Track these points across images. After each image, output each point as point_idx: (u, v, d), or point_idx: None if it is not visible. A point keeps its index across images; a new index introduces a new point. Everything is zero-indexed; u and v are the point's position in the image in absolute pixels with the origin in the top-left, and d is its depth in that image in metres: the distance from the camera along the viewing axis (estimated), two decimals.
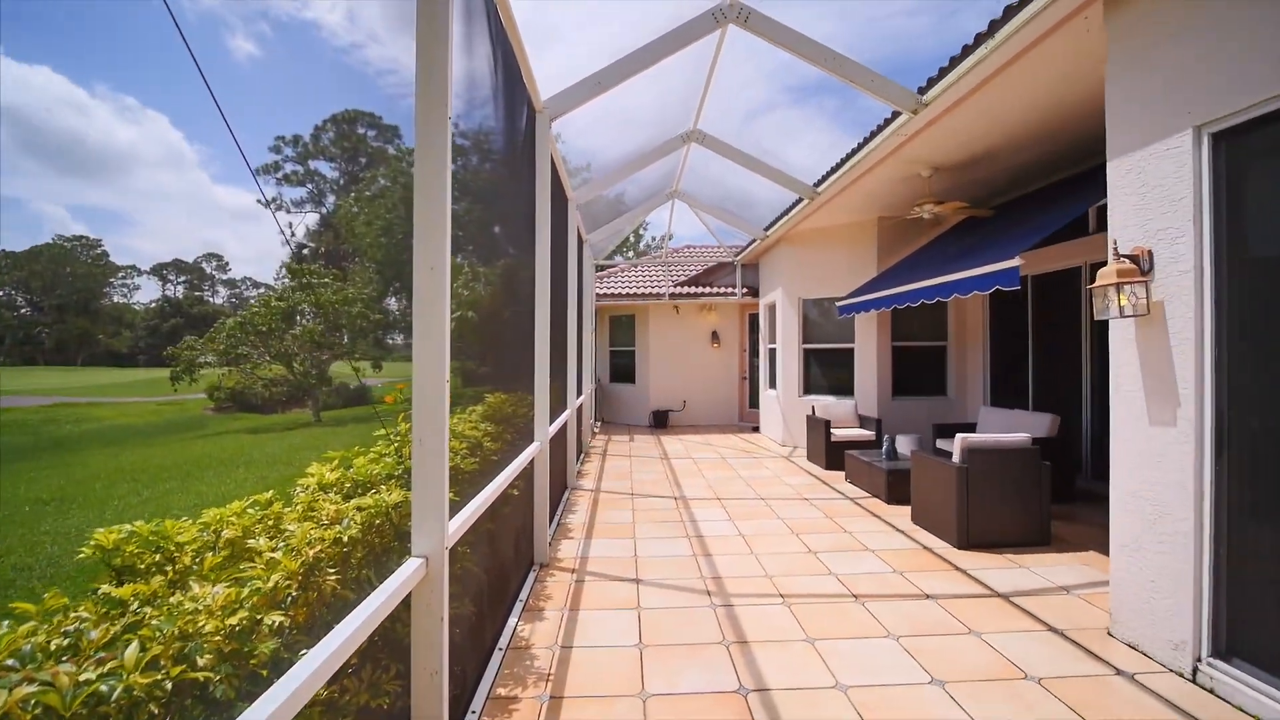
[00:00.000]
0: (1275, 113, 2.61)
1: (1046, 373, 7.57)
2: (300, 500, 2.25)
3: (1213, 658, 2.85)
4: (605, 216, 10.19)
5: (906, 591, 4.02)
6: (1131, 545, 3.25)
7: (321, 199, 57.07)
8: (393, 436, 3.25)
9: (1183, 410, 2.96)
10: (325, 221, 54.76)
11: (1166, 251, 3.04)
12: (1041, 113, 5.10)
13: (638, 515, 5.98)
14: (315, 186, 57.39)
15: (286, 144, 56.84)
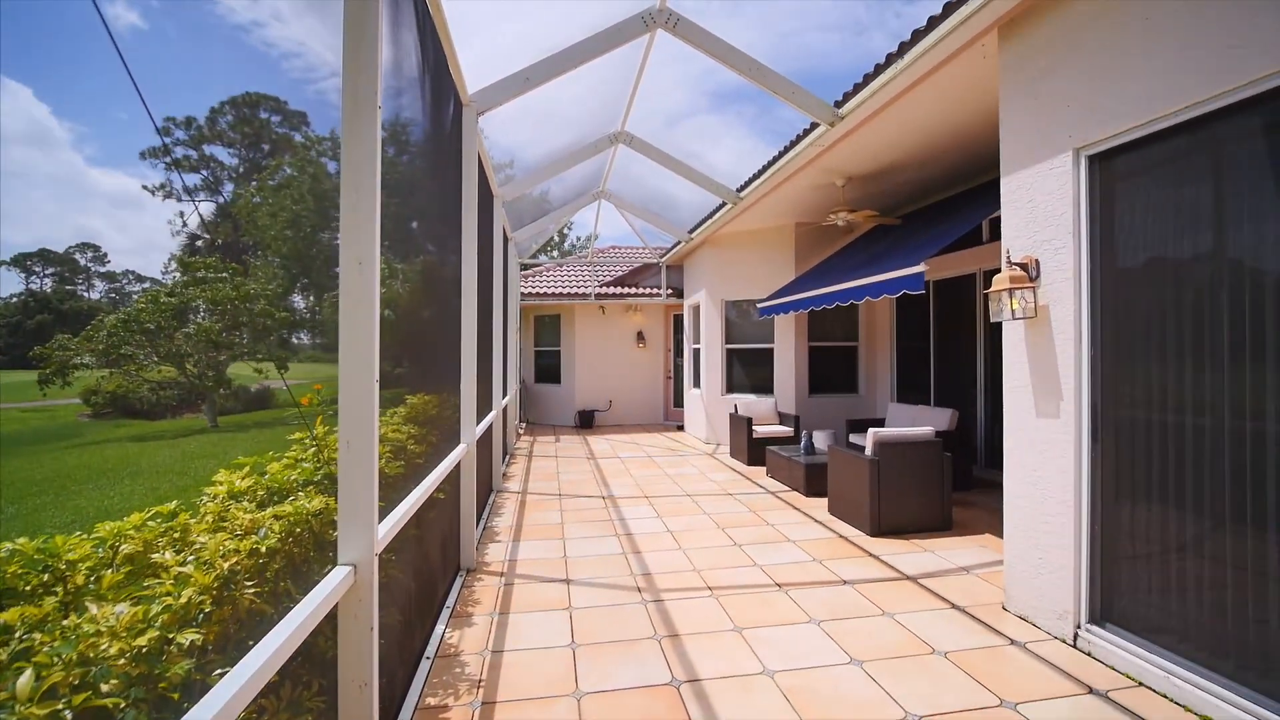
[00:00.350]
0: (1139, 140, 2.95)
1: (945, 371, 8.18)
2: (209, 510, 2.09)
3: (1090, 624, 3.19)
4: (530, 215, 10.05)
5: (826, 578, 4.23)
6: (1022, 526, 3.58)
7: (218, 187, 52.71)
8: (309, 441, 3.08)
9: (1064, 403, 3.29)
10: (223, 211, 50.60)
11: (1051, 260, 3.37)
12: (944, 130, 5.51)
13: (566, 516, 5.95)
14: (211, 173, 52.90)
15: (178, 126, 52.13)
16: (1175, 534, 2.82)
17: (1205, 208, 2.68)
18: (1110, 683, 2.87)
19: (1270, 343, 2.43)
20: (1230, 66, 2.51)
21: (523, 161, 7.84)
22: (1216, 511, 2.63)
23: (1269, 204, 2.44)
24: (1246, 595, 2.52)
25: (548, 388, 13.71)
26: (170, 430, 19.39)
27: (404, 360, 3.41)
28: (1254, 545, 2.50)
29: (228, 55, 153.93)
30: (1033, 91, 3.47)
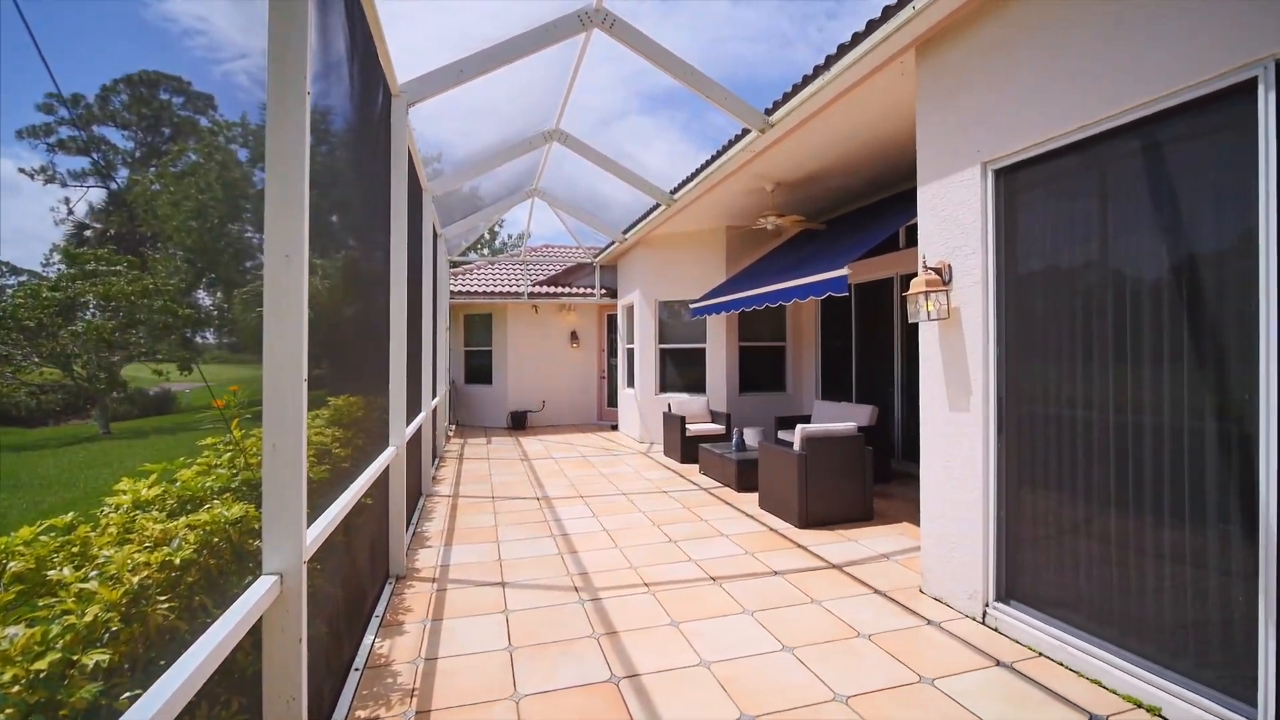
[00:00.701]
0: (1037, 156, 3.23)
1: (866, 369, 8.61)
2: (112, 521, 1.93)
3: (997, 602, 3.45)
4: (461, 211, 9.81)
5: (757, 570, 4.37)
6: (937, 514, 3.83)
7: (110, 172, 48.06)
8: (223, 446, 2.89)
9: (974, 398, 3.55)
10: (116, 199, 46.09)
11: (962, 265, 3.62)
12: (866, 141, 5.81)
13: (500, 518, 5.85)
14: (102, 157, 48.20)
15: (62, 103, 47.17)
16: (1068, 517, 3.10)
17: (1092, 220, 2.97)
18: (1015, 655, 3.12)
19: (1146, 344, 2.72)
20: (1113, 94, 2.79)
21: (452, 156, 7.65)
22: (1102, 496, 2.92)
23: (1143, 218, 2.73)
24: (1127, 570, 2.81)
25: (479, 388, 13.41)
26: (55, 438, 17.58)
27: (324, 360, 3.26)
28: (1132, 526, 2.78)
29: (121, 28, 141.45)
30: (946, 107, 3.72)
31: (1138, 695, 2.67)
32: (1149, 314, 2.71)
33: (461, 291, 12.59)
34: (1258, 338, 2.30)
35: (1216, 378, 2.46)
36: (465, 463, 8.90)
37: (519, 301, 12.75)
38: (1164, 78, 2.57)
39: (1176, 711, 2.53)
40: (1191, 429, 2.55)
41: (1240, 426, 2.38)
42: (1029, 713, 2.63)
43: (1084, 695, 2.76)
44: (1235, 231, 2.39)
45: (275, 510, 1.76)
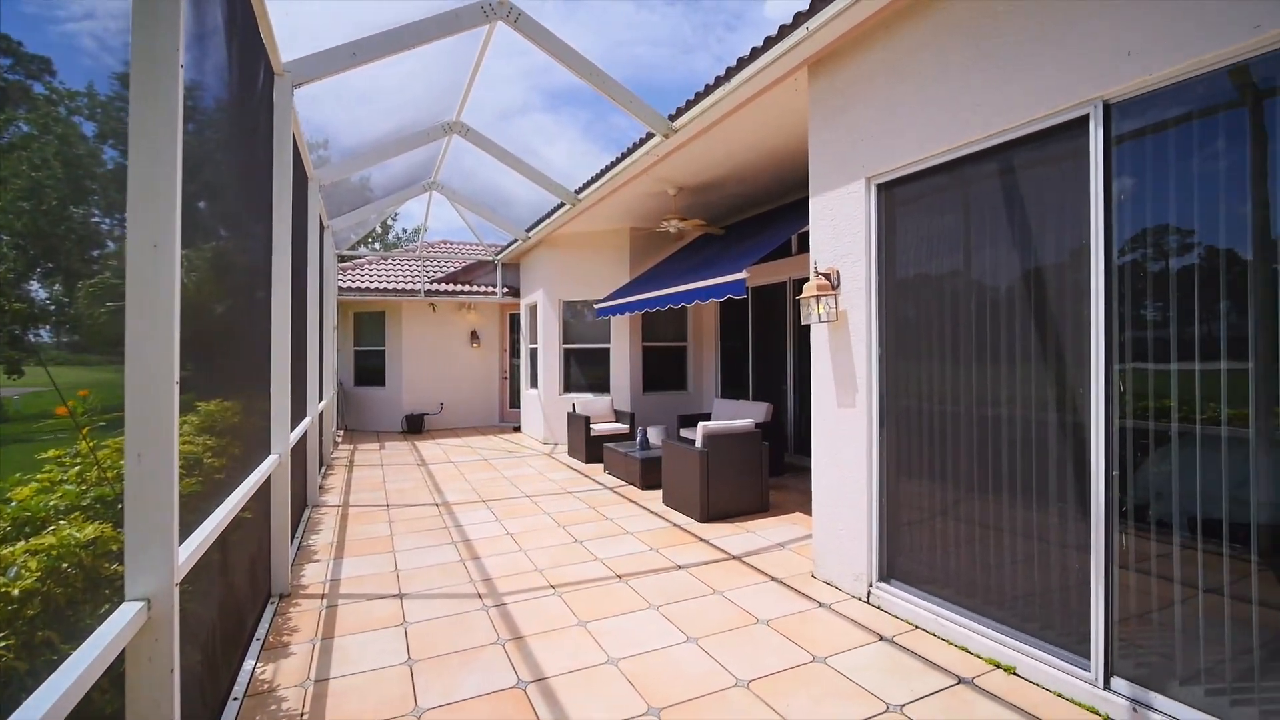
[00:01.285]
0: (913, 174, 3.54)
1: (762, 368, 9.04)
2: None
3: (879, 582, 3.75)
4: (350, 202, 9.22)
5: (662, 565, 4.46)
6: (827, 504, 4.10)
7: None
8: (69, 460, 2.54)
9: (859, 395, 3.83)
10: None
11: (849, 271, 3.90)
12: (763, 150, 6.10)
13: (396, 527, 5.56)
14: None
15: None
16: (938, 501, 3.43)
17: (957, 232, 3.30)
18: (895, 629, 3.41)
19: (1002, 345, 3.07)
20: (976, 121, 3.12)
21: (341, 144, 7.18)
22: (966, 481, 3.25)
23: (999, 232, 3.08)
24: (987, 546, 3.16)
25: (370, 390, 12.66)
26: None
27: (189, 362, 2.95)
28: (991, 507, 3.13)
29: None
30: (835, 124, 3.99)
31: (997, 657, 3.00)
32: (1004, 318, 3.06)
33: (351, 288, 11.84)
34: (1089, 340, 2.66)
35: (1058, 375, 2.82)
36: (356, 470, 8.38)
37: (415, 299, 12.18)
38: (1017, 110, 2.91)
39: (1028, 668, 2.87)
40: (1038, 420, 2.91)
41: (1076, 417, 2.74)
42: (907, 681, 2.88)
43: (953, 661, 3.06)
44: (1072, 246, 2.76)
45: (141, 528, 1.58)
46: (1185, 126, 2.41)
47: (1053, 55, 2.76)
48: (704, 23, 65.38)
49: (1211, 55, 2.26)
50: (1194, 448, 2.39)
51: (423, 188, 9.30)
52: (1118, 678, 2.57)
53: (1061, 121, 2.76)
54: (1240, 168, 2.25)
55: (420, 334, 12.60)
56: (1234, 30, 2.19)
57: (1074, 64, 2.67)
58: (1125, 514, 2.58)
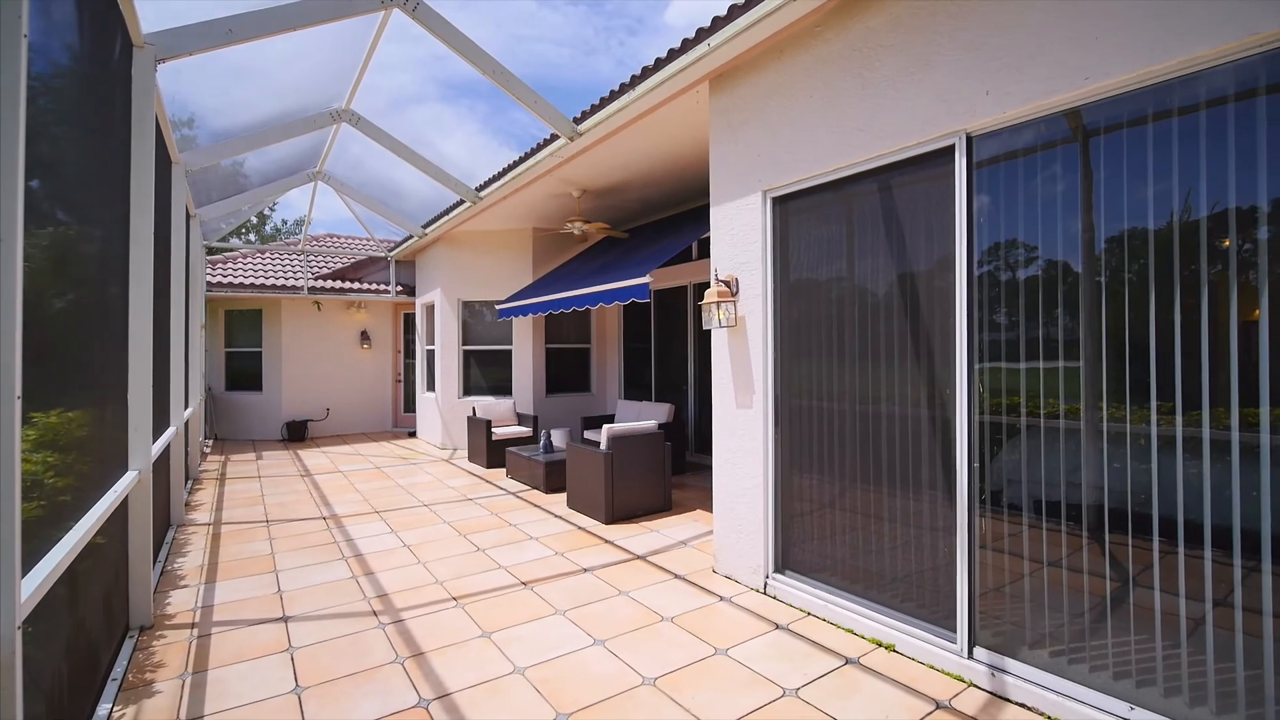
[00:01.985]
0: (803, 190, 3.78)
1: (664, 369, 9.24)
2: None
3: (775, 573, 3.96)
4: (221, 190, 8.41)
5: (568, 569, 4.45)
6: (727, 500, 4.27)
7: None
8: None
9: (756, 396, 4.03)
10: None
11: (747, 279, 4.09)
12: (667, 158, 6.24)
13: (278, 544, 5.15)
14: None
15: None
16: (827, 494, 3.68)
17: (843, 244, 3.57)
18: (789, 617, 3.62)
19: (883, 346, 3.35)
20: (860, 145, 3.38)
21: (211, 125, 6.54)
22: (851, 474, 3.52)
23: (880, 244, 3.36)
24: (869, 534, 3.43)
25: (245, 396, 11.60)
26: None
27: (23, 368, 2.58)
28: (872, 497, 3.41)
29: None
30: (735, 139, 4.17)
31: (880, 637, 3.27)
32: (884, 322, 3.34)
33: (223, 283, 10.78)
34: (955, 342, 2.97)
35: (929, 374, 3.12)
36: (229, 483, 7.64)
37: (297, 296, 11.30)
38: (895, 136, 3.19)
39: (906, 645, 3.15)
40: (913, 416, 3.20)
41: (945, 413, 3.05)
42: (801, 666, 3.07)
43: (842, 643, 3.30)
44: (940, 256, 3.06)
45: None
46: (1031, 157, 2.75)
47: (926, 89, 3.05)
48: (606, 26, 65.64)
49: (1050, 100, 2.60)
50: (1039, 439, 2.74)
51: (307, 177, 8.66)
52: (979, 647, 2.88)
53: (932, 150, 3.06)
54: (1073, 193, 2.61)
55: (303, 334, 11.71)
56: (1069, 79, 2.54)
57: (944, 97, 2.97)
58: (984, 500, 2.91)
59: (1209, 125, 2.25)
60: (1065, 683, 2.58)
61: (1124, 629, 2.46)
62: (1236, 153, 2.19)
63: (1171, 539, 2.34)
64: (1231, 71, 2.19)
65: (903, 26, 3.14)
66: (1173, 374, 2.33)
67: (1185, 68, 2.27)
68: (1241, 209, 2.18)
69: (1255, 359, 2.14)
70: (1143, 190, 2.41)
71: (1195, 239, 2.28)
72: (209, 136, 6.43)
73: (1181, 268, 2.31)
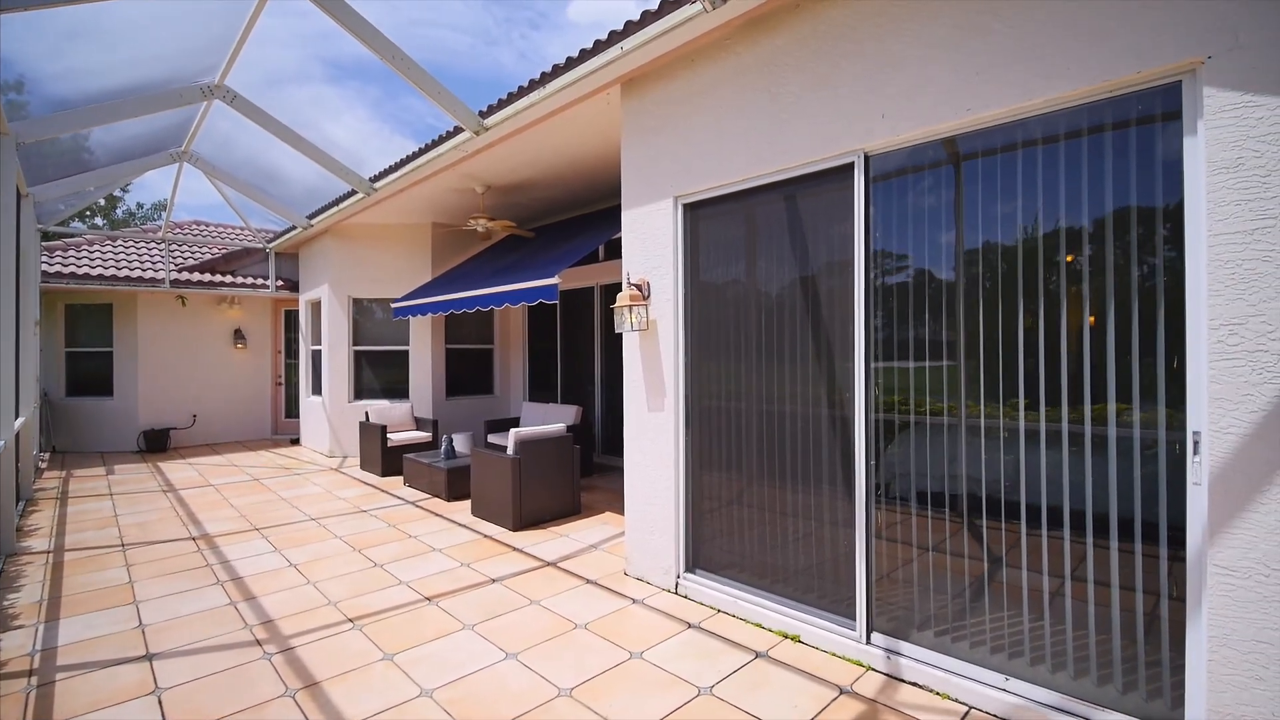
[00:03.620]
0: (711, 198, 3.88)
1: (570, 370, 9.17)
2: None
3: (686, 573, 4.04)
4: (60, 167, 7.34)
5: (475, 581, 4.29)
6: (639, 502, 4.30)
7: None
8: None
9: (668, 399, 4.08)
10: None
11: (659, 283, 4.14)
12: (576, 158, 6.18)
13: (138, 571, 4.57)
14: None
15: None
16: (733, 491, 3.80)
17: (751, 249, 3.70)
18: (701, 616, 3.70)
19: (787, 348, 3.51)
20: (764, 158, 3.52)
21: (47, 91, 5.69)
22: (756, 471, 3.66)
23: (785, 251, 3.52)
24: (775, 529, 3.58)
25: (90, 402, 10.19)
26: None
27: None
28: (777, 494, 3.56)
29: None
30: (646, 144, 4.20)
31: (786, 629, 3.43)
32: (788, 325, 3.50)
33: (63, 273, 9.41)
34: (854, 344, 3.17)
35: (830, 374, 3.31)
36: (74, 503, 6.68)
37: (157, 290, 10.08)
38: (800, 151, 3.35)
39: (811, 635, 3.32)
40: (815, 415, 3.38)
41: (844, 411, 3.24)
42: (714, 663, 3.15)
43: (751, 638, 3.42)
44: (841, 261, 3.25)
45: None
46: (919, 175, 2.99)
47: (829, 107, 3.23)
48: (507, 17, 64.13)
49: (938, 127, 2.84)
50: (924, 434, 2.98)
51: (169, 157, 7.76)
52: (876, 633, 3.09)
53: (834, 166, 3.24)
54: (948, 209, 2.86)
55: (164, 332, 10.47)
56: (951, 110, 2.78)
57: (845, 116, 3.16)
58: (879, 492, 3.12)
59: (1066, 155, 2.55)
60: (950, 660, 2.83)
61: (998, 606, 2.73)
62: (1089, 178, 2.50)
63: (1035, 523, 2.63)
64: (1085, 111, 2.50)
65: (808, 48, 3.31)
66: (1036, 373, 2.62)
67: (1048, 106, 2.55)
68: (1073, 229, 2.49)
69: (1101, 361, 2.45)
70: (1004, 207, 2.69)
71: (1040, 254, 2.58)
72: (46, 105, 5.58)
73: (1028, 280, 2.61)
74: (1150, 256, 2.37)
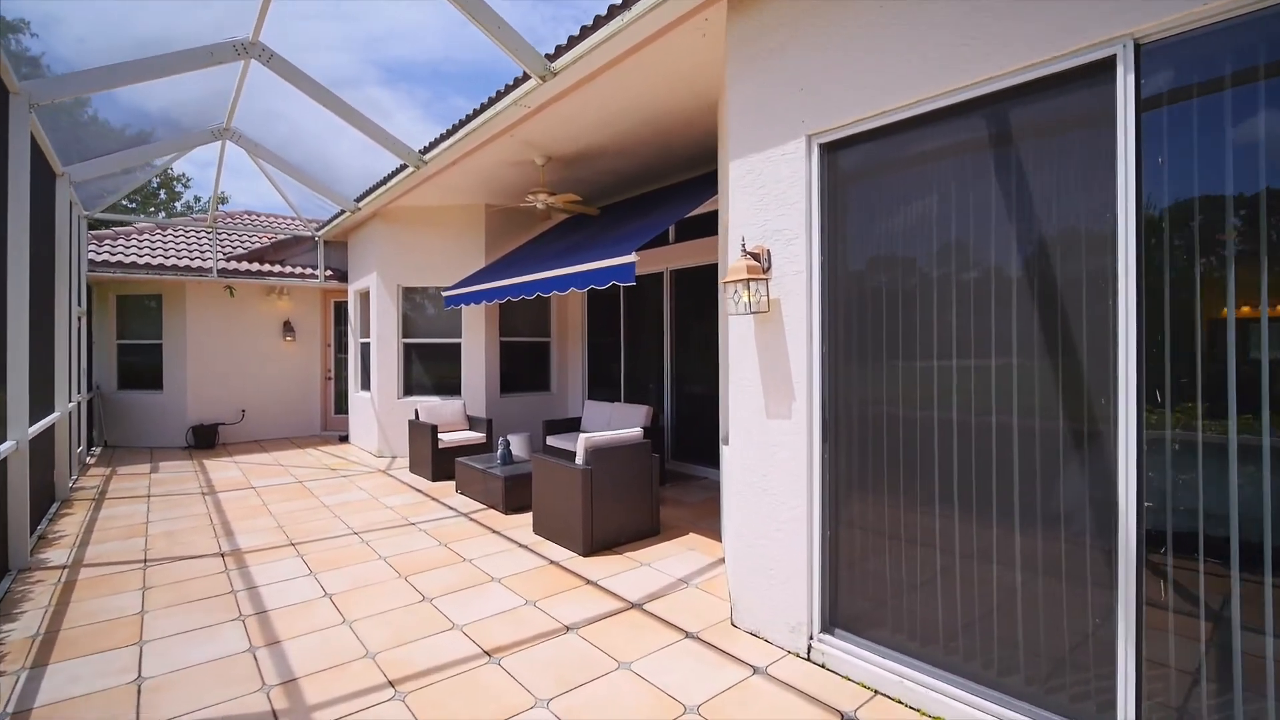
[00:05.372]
0: (861, 134, 2.87)
1: (635, 366, 8.27)
2: None
3: (823, 634, 3.05)
4: (98, 145, 6.89)
5: (545, 629, 3.43)
6: (749, 537, 3.34)
7: None
8: None
9: (796, 404, 3.11)
10: None
11: (783, 252, 3.16)
12: (654, 115, 5.25)
13: (153, 597, 3.90)
14: None
15: None
16: (896, 526, 2.80)
17: (924, 204, 2.68)
18: (854, 700, 2.72)
19: (992, 340, 2.48)
20: (951, 64, 2.50)
21: (64, 45, 5.14)
22: (934, 501, 2.65)
23: (982, 204, 2.49)
24: (968, 585, 2.57)
25: (141, 396, 9.91)
26: None
27: None
28: (966, 533, 2.54)
29: None
30: (767, 67, 3.22)
31: None
32: (995, 307, 2.48)
33: (110, 262, 9.10)
34: (1116, 331, 2.13)
35: (1070, 375, 2.27)
36: (109, 505, 6.19)
37: (205, 280, 9.69)
38: (1011, 51, 2.32)
39: None
40: (1041, 429, 2.35)
41: (1094, 424, 2.20)
42: None
43: None
44: (1090, 219, 2.21)
45: None
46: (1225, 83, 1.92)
47: None
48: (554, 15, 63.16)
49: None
50: (1221, 458, 1.93)
51: (211, 134, 7.22)
52: None
53: (1074, 66, 2.20)
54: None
55: (213, 324, 10.10)
56: None
57: None
58: (1154, 541, 2.08)
59: None
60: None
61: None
62: None
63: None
64: None
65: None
66: None
67: None
68: None
69: None
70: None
71: None
72: (62, 63, 5.02)
73: None
74: None
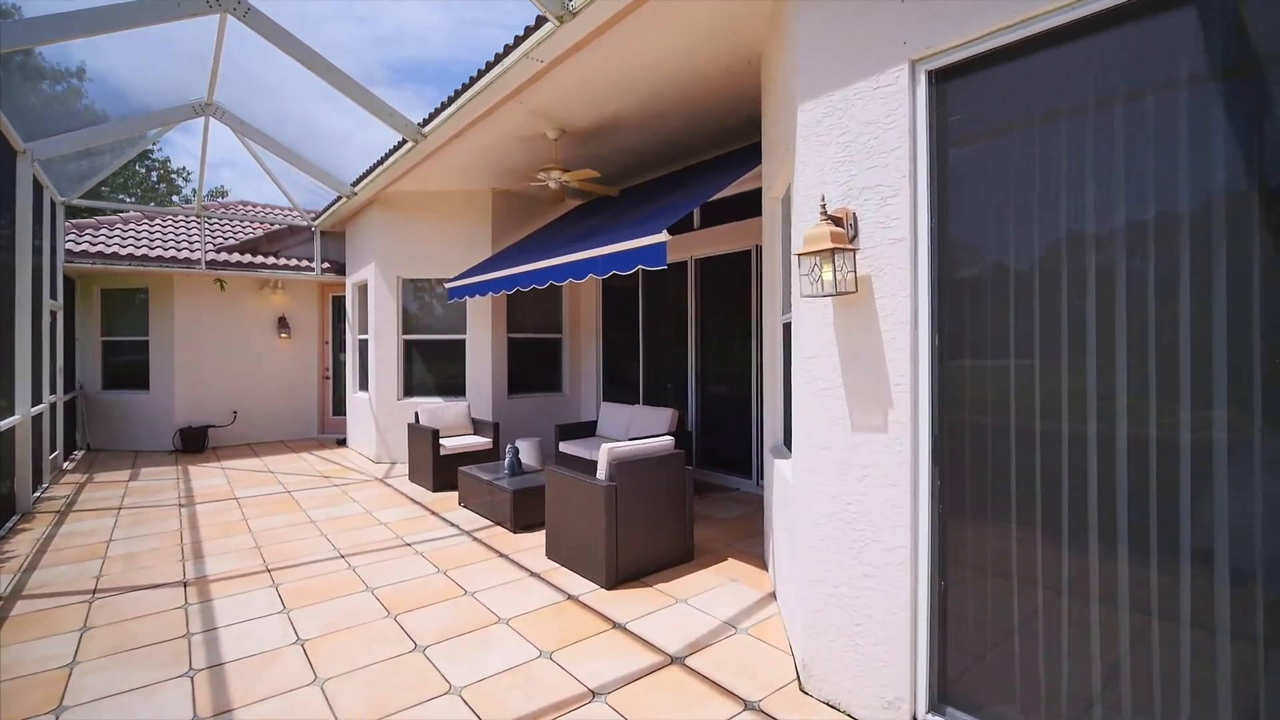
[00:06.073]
0: (989, 52, 2.15)
1: (656, 365, 7.56)
2: None
3: (930, 713, 2.33)
4: (64, 120, 6.25)
5: (565, 694, 2.72)
6: (829, 580, 2.62)
7: None
8: None
9: (895, 412, 2.38)
10: None
11: (875, 215, 2.44)
12: (683, 76, 4.54)
13: (90, 641, 3.22)
14: None
15: None
16: (1047, 577, 2.07)
17: (1089, 147, 1.96)
18: None
19: (1173, 328, 1.75)
20: None
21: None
22: (1106, 545, 1.92)
23: (1171, 147, 1.76)
24: (1146, 655, 1.83)
25: (126, 396, 9.29)
26: None
27: None
28: (1154, 588, 1.81)
29: None
30: None
31: None
32: (1190, 293, 1.75)
33: (92, 253, 8.46)
34: None
35: None
36: (73, 519, 5.53)
37: (193, 271, 9.05)
38: None
39: None
40: (1268, 450, 1.62)
41: None
42: None
43: None
44: None
45: None
46: None
47: None
48: None
49: None
50: None
51: (192, 109, 6.56)
52: None
53: None
54: None
55: (202, 320, 9.46)
56: None
57: None
58: None
59: None
60: None
61: None
62: None
63: None
64: None
65: None
66: None
67: None
68: None
69: None
70: None
71: None
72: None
73: None
74: None
